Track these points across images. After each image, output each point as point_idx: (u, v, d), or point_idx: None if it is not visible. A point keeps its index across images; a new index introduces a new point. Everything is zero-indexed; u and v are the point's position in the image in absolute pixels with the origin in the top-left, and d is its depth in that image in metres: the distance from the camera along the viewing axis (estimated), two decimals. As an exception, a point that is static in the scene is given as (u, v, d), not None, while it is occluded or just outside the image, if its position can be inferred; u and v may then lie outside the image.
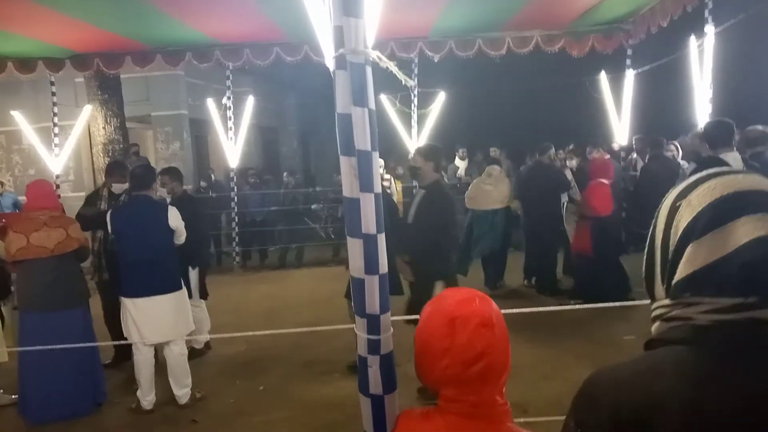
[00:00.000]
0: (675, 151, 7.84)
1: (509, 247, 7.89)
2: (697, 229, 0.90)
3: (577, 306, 5.08)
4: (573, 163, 8.00)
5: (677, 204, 0.95)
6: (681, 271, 0.92)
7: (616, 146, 8.80)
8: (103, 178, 5.98)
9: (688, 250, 0.91)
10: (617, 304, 5.41)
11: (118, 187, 5.37)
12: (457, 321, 1.37)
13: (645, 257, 1.02)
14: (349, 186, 1.69)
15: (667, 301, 0.95)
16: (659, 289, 0.98)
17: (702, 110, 6.09)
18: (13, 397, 4.81)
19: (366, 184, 1.67)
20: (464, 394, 1.37)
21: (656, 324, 0.97)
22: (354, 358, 5.03)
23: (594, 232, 6.74)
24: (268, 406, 4.67)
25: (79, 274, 4.78)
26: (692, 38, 6.35)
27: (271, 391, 4.95)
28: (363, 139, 1.64)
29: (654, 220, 1.00)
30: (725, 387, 0.83)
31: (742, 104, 8.09)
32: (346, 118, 1.64)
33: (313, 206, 11.60)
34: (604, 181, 6.76)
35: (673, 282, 0.94)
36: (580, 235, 6.95)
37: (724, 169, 0.96)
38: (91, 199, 5.62)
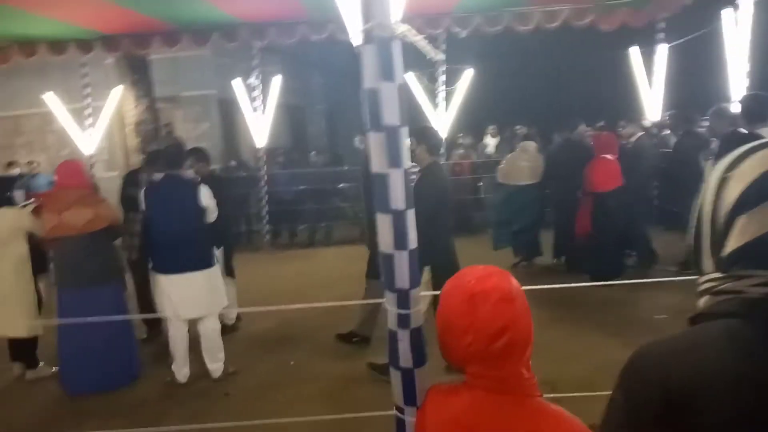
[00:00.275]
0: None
1: (541, 224, 7.87)
2: (748, 201, 0.89)
3: (605, 283, 5.06)
4: None
5: (726, 176, 0.93)
6: (731, 244, 0.91)
7: (647, 122, 8.63)
8: (141, 162, 6.04)
9: (739, 222, 0.90)
10: (647, 281, 5.36)
11: (159, 176, 5.42)
12: (477, 297, 1.38)
13: (692, 231, 1.00)
14: (377, 161, 1.69)
15: (716, 275, 0.94)
16: (707, 262, 0.96)
17: (737, 84, 5.93)
18: (54, 369, 5.00)
19: (394, 160, 1.67)
20: (489, 369, 1.38)
21: (704, 298, 0.96)
22: (341, 329, 5.03)
23: (594, 208, 6.70)
24: (298, 381, 4.76)
25: (112, 252, 4.90)
26: (728, 9, 6.17)
27: (302, 366, 5.03)
28: (391, 114, 1.63)
29: (701, 193, 0.98)
30: None
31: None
32: (374, 93, 1.63)
33: (341, 185, 11.63)
34: (608, 156, 6.68)
35: (723, 255, 0.92)
36: (582, 212, 6.92)
37: None
38: (130, 180, 5.71)
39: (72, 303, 4.62)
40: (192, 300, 4.65)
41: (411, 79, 9.39)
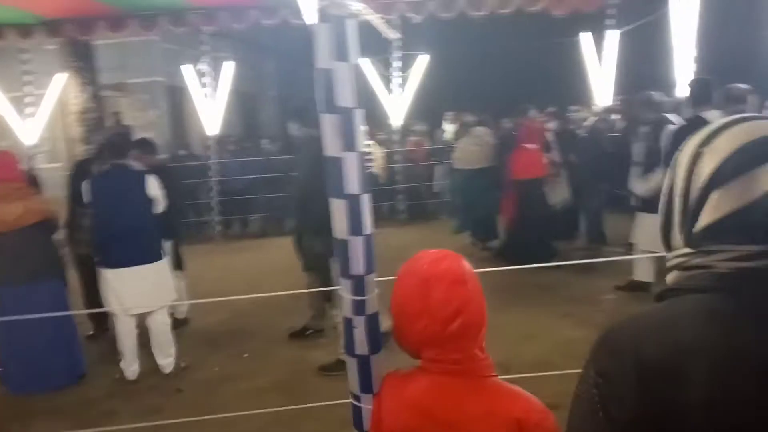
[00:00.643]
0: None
1: (497, 209, 8.00)
2: (722, 176, 0.89)
3: (555, 264, 5.22)
4: (550, 125, 8.04)
5: (700, 150, 0.93)
6: (703, 219, 0.91)
7: (597, 107, 8.79)
8: (91, 152, 5.77)
9: (712, 197, 0.90)
10: (597, 260, 5.50)
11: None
12: (430, 281, 1.39)
13: (662, 206, 1.00)
14: (331, 145, 1.64)
15: (686, 250, 0.94)
16: (676, 238, 0.97)
17: (685, 69, 6.06)
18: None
19: (349, 143, 1.62)
20: (445, 353, 1.39)
21: (673, 273, 0.96)
22: (293, 324, 5.02)
23: (515, 196, 6.99)
24: (254, 373, 4.68)
25: (49, 247, 4.66)
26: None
27: (257, 358, 4.95)
28: (345, 96, 1.58)
29: (672, 169, 0.98)
30: (753, 332, 0.82)
31: (729, 62, 8.08)
32: (328, 73, 1.58)
33: (294, 173, 11.49)
34: (529, 146, 6.91)
35: (694, 230, 0.92)
36: (506, 200, 7.23)
37: (750, 114, 0.94)
38: (79, 172, 5.46)
39: (10, 301, 4.42)
40: (140, 294, 4.50)
41: (365, 64, 9.31)
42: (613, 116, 9.00)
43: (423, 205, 10.88)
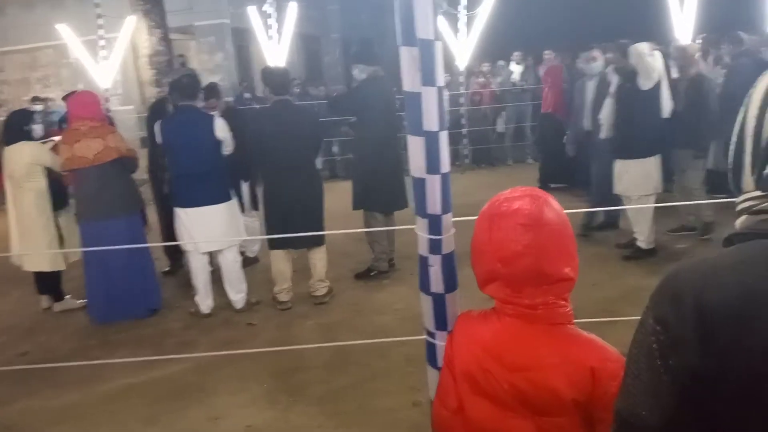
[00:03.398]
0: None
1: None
2: None
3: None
4: None
5: None
6: None
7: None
8: (166, 93, 5.86)
9: None
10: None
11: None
12: (496, 217, 1.37)
13: (732, 147, 0.94)
14: (410, 79, 1.59)
15: (756, 193, 0.88)
16: (748, 180, 0.91)
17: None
18: (79, 302, 5.12)
19: (428, 77, 1.57)
20: (517, 296, 1.37)
21: (742, 218, 0.90)
22: (361, 258, 5.09)
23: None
24: (321, 311, 4.81)
25: (126, 184, 4.83)
26: None
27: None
28: (425, 27, 1.53)
29: (743, 108, 0.91)
30: None
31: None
32: (407, 3, 1.53)
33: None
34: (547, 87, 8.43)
35: (766, 172, 0.86)
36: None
37: None
38: (156, 112, 5.60)
39: (91, 235, 4.66)
40: (209, 233, 4.63)
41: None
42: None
43: (488, 150, 10.68)
